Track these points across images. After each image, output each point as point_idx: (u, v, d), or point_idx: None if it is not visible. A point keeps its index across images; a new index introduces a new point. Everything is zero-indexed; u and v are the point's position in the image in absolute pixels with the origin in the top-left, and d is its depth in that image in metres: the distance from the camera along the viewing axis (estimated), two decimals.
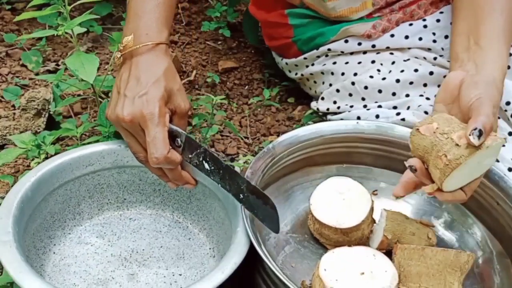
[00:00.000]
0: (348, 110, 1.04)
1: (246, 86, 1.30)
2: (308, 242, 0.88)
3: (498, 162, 0.87)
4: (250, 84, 1.30)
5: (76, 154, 0.86)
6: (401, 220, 0.84)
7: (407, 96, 0.99)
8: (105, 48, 1.34)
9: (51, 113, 1.05)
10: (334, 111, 1.07)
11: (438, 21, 1.04)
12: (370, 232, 0.86)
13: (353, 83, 1.03)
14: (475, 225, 0.90)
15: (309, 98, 1.20)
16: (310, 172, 0.95)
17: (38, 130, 1.02)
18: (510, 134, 0.89)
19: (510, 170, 0.86)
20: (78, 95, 1.12)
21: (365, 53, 1.06)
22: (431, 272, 0.77)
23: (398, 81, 0.99)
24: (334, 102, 1.07)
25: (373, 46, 1.04)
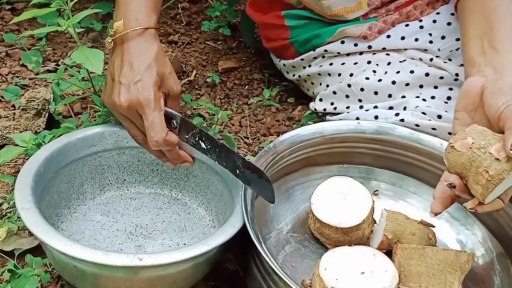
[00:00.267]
0: (345, 111, 1.04)
1: (246, 86, 1.30)
2: (308, 242, 0.88)
3: None
4: (250, 84, 1.30)
5: (80, 135, 0.89)
6: (401, 220, 0.84)
7: (403, 97, 0.99)
8: (105, 48, 1.34)
9: (51, 113, 1.05)
10: (332, 112, 1.08)
11: (434, 21, 1.04)
12: (371, 232, 0.86)
13: (349, 85, 1.03)
14: (476, 225, 0.91)
15: (309, 98, 1.20)
16: (310, 172, 0.95)
17: (38, 130, 1.02)
18: None
19: None
20: (78, 95, 1.12)
21: (361, 54, 1.06)
22: (431, 271, 0.77)
23: (394, 82, 0.99)
24: (331, 103, 1.07)
25: (369, 47, 1.05)
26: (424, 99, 0.96)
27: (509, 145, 0.66)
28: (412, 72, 0.99)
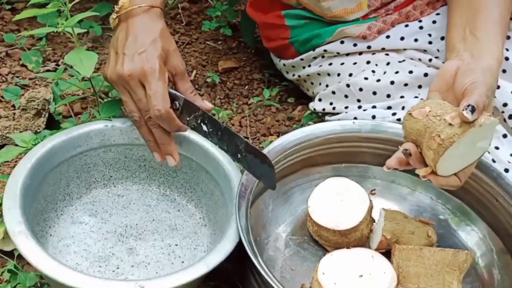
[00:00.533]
0: (344, 111, 1.04)
1: (246, 86, 1.30)
2: (308, 244, 0.88)
3: (494, 162, 0.87)
4: (250, 84, 1.30)
5: (65, 137, 0.87)
6: (400, 219, 0.84)
7: (402, 97, 0.99)
8: (105, 48, 1.34)
9: (51, 113, 1.05)
10: (330, 112, 1.08)
11: (434, 22, 1.04)
12: (370, 231, 0.86)
13: (348, 85, 1.03)
14: (476, 222, 0.91)
15: (308, 98, 1.20)
16: (309, 172, 0.95)
17: (38, 130, 1.02)
18: (505, 136, 0.89)
19: (506, 171, 0.86)
20: (78, 95, 1.12)
21: (360, 54, 1.06)
22: (429, 272, 0.77)
23: (392, 82, 0.99)
24: (330, 103, 1.07)
25: (368, 47, 1.05)
26: (422, 99, 0.97)
27: (462, 107, 0.67)
28: (411, 72, 0.99)
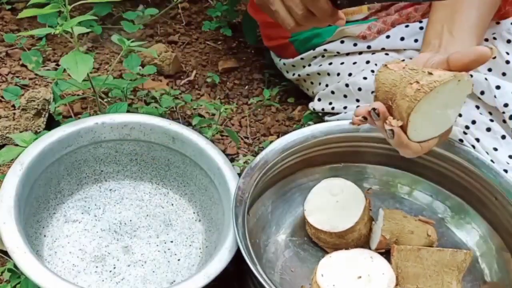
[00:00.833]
0: (343, 111, 1.04)
1: (246, 86, 1.30)
2: (307, 245, 0.88)
3: (493, 163, 0.87)
4: (250, 84, 1.30)
5: (55, 138, 0.86)
6: (399, 219, 0.84)
7: None
8: (105, 48, 1.34)
9: (51, 113, 1.05)
10: (330, 112, 1.08)
11: None
12: (370, 231, 0.86)
13: (347, 85, 1.03)
14: (475, 220, 0.91)
15: (308, 98, 1.20)
16: (308, 173, 0.95)
17: (38, 130, 1.02)
18: (504, 137, 0.88)
19: (505, 172, 0.86)
20: (78, 95, 1.12)
21: (360, 54, 1.06)
22: (428, 273, 0.77)
23: None
24: (330, 103, 1.07)
25: (368, 47, 1.05)
26: None
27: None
28: None
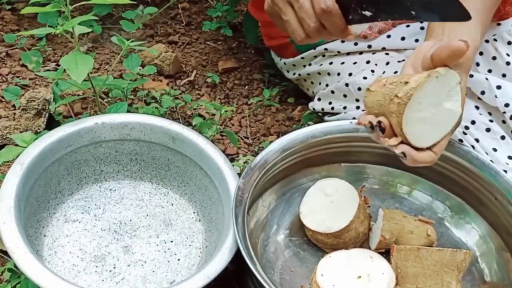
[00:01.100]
0: (342, 111, 1.04)
1: (246, 86, 1.30)
2: (307, 245, 0.88)
3: (492, 163, 0.87)
4: (250, 84, 1.30)
5: (55, 138, 0.86)
6: (398, 219, 0.84)
7: None
8: (105, 48, 1.34)
9: (51, 113, 1.05)
10: (329, 112, 1.08)
11: None
12: (368, 229, 0.86)
13: (347, 85, 1.03)
14: (475, 220, 0.91)
15: (308, 99, 1.20)
16: (308, 173, 0.95)
17: (39, 130, 1.02)
18: (503, 138, 0.89)
19: (505, 172, 0.86)
20: (78, 95, 1.12)
21: (361, 53, 1.06)
22: (428, 272, 0.77)
23: None
24: (329, 103, 1.07)
25: (369, 46, 1.04)
26: None
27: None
28: None
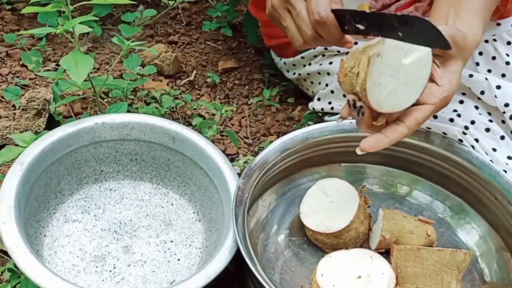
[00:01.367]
0: None
1: (246, 86, 1.30)
2: (307, 245, 0.88)
3: (492, 163, 0.87)
4: (250, 84, 1.30)
5: (55, 138, 0.86)
6: (398, 219, 0.84)
7: None
8: (105, 48, 1.34)
9: (51, 113, 1.05)
10: (329, 112, 1.07)
11: None
12: (368, 229, 0.86)
13: None
14: (475, 220, 0.91)
15: (308, 99, 1.20)
16: (308, 173, 0.95)
17: (39, 130, 1.02)
18: (503, 138, 0.88)
19: (505, 172, 0.86)
20: (78, 95, 1.12)
21: None
22: (428, 272, 0.77)
23: None
24: (329, 103, 1.07)
25: None
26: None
27: None
28: None
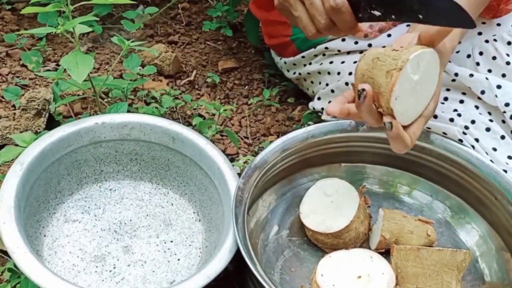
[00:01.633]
0: None
1: (246, 86, 1.30)
2: (307, 245, 0.88)
3: (492, 163, 0.87)
4: (250, 84, 1.30)
5: (55, 138, 0.86)
6: (398, 219, 0.84)
7: None
8: (105, 48, 1.34)
9: (51, 113, 1.05)
10: None
11: None
12: (368, 229, 0.86)
13: (347, 84, 1.03)
14: (475, 220, 0.91)
15: (308, 98, 1.20)
16: (308, 173, 0.95)
17: (39, 130, 1.02)
18: (503, 137, 0.89)
19: (505, 172, 0.86)
20: (78, 95, 1.12)
21: (361, 52, 1.06)
22: (428, 272, 0.77)
23: None
24: (329, 102, 1.07)
25: (369, 45, 1.04)
26: None
27: None
28: None
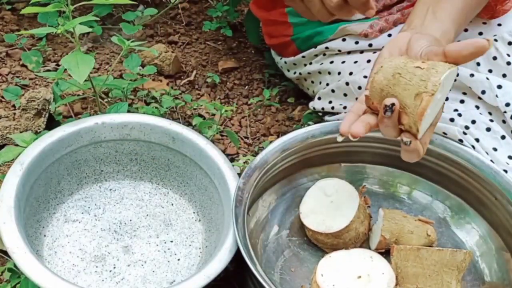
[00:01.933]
0: (342, 111, 1.04)
1: (246, 86, 1.30)
2: (307, 245, 0.88)
3: (492, 163, 0.87)
4: (250, 84, 1.30)
5: (55, 138, 0.86)
6: (399, 218, 0.84)
7: None
8: (105, 48, 1.34)
9: (51, 113, 1.05)
10: (330, 111, 1.08)
11: None
12: (368, 229, 0.86)
13: (347, 84, 1.03)
14: (475, 220, 0.91)
15: (308, 98, 1.20)
16: (308, 173, 0.95)
17: (38, 130, 1.02)
18: (503, 137, 0.89)
19: (505, 172, 0.86)
20: (78, 95, 1.12)
21: (362, 52, 1.06)
22: (428, 272, 0.77)
23: None
24: (330, 102, 1.07)
25: (370, 45, 1.04)
26: None
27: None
28: None
